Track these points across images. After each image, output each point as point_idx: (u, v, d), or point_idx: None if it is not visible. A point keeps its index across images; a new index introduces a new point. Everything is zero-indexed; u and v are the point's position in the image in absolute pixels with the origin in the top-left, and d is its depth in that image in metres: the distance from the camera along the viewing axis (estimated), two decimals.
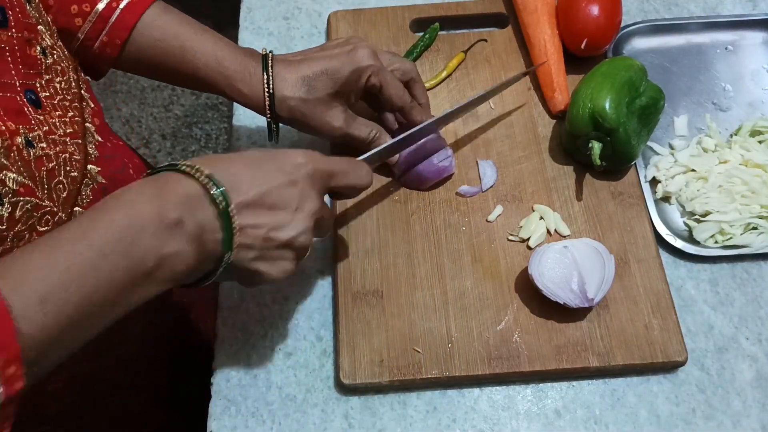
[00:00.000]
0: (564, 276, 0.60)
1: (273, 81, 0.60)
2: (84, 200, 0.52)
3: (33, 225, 0.46)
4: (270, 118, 0.61)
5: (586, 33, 0.72)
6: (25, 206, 0.45)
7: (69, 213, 0.50)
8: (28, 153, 0.45)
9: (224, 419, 0.60)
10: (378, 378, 0.59)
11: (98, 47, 0.59)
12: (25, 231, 0.45)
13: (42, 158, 0.46)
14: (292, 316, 0.65)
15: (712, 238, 0.66)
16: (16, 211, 0.44)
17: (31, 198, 0.45)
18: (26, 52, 0.47)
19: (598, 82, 0.66)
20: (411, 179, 0.68)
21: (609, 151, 0.65)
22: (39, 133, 0.46)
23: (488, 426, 0.59)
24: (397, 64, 0.65)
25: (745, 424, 0.59)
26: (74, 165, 0.50)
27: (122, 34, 0.59)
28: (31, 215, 0.46)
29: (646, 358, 0.59)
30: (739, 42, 0.80)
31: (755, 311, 0.64)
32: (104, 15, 0.58)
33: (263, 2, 0.85)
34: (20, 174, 0.44)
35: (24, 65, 0.47)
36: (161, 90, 1.98)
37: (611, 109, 0.63)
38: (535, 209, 0.67)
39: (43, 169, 0.46)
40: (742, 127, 0.73)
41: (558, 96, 0.72)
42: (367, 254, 0.65)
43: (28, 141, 0.45)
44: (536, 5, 0.75)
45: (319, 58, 0.61)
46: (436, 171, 0.67)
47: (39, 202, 0.46)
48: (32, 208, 0.45)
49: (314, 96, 0.60)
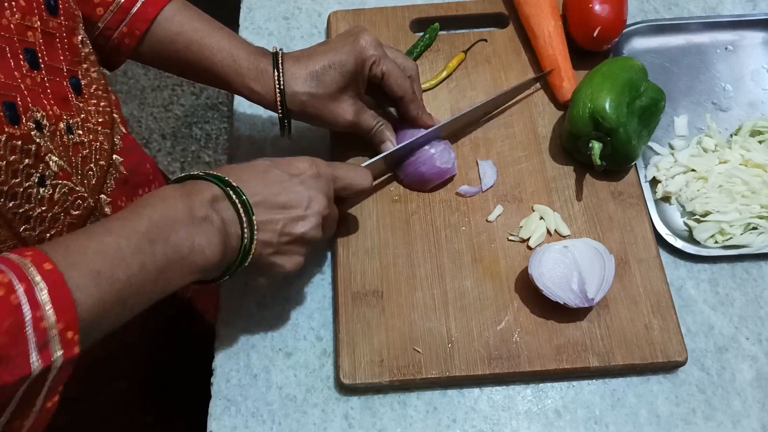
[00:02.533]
0: (564, 276, 0.60)
1: (283, 77, 0.61)
2: (108, 189, 0.55)
3: (68, 208, 0.50)
4: (282, 114, 0.63)
5: (600, 22, 0.71)
6: (63, 189, 0.49)
7: (96, 200, 0.54)
8: (68, 139, 0.49)
9: (224, 419, 0.60)
10: (378, 378, 0.59)
11: (117, 37, 0.60)
12: (61, 213, 0.49)
13: (78, 145, 0.50)
14: (292, 316, 0.65)
15: (712, 238, 0.66)
16: (56, 194, 0.48)
17: (68, 182, 0.49)
18: (71, 40, 0.50)
19: (599, 82, 0.66)
20: (413, 180, 0.68)
21: (609, 151, 0.65)
22: (78, 120, 0.50)
23: (488, 426, 0.59)
24: (400, 59, 0.66)
25: (745, 424, 0.59)
26: (103, 154, 0.54)
27: (142, 26, 0.60)
28: (67, 198, 0.50)
29: (646, 358, 0.59)
30: (739, 42, 0.80)
31: (755, 311, 0.64)
32: (126, 6, 0.59)
33: (263, 2, 0.85)
34: (61, 158, 0.48)
35: (70, 52, 0.50)
36: (161, 90, 1.98)
37: (611, 109, 0.63)
38: (535, 209, 0.67)
39: (78, 156, 0.50)
40: (742, 127, 0.73)
41: (566, 85, 0.72)
42: (367, 254, 0.65)
43: (68, 127, 0.49)
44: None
45: (325, 52, 0.63)
46: (439, 172, 0.67)
47: (74, 187, 0.50)
48: (68, 192, 0.49)
49: (324, 90, 0.62)
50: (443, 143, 0.68)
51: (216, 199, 0.49)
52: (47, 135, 0.46)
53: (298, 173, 0.54)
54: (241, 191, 0.50)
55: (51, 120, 0.46)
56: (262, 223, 0.51)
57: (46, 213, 0.48)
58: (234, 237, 0.50)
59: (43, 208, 0.47)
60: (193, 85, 1.98)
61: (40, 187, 0.46)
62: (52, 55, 0.48)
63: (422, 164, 0.66)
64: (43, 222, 0.48)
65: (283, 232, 0.52)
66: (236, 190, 0.50)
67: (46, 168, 0.46)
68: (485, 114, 0.73)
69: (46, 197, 0.47)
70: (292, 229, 0.52)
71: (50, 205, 0.48)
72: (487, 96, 0.74)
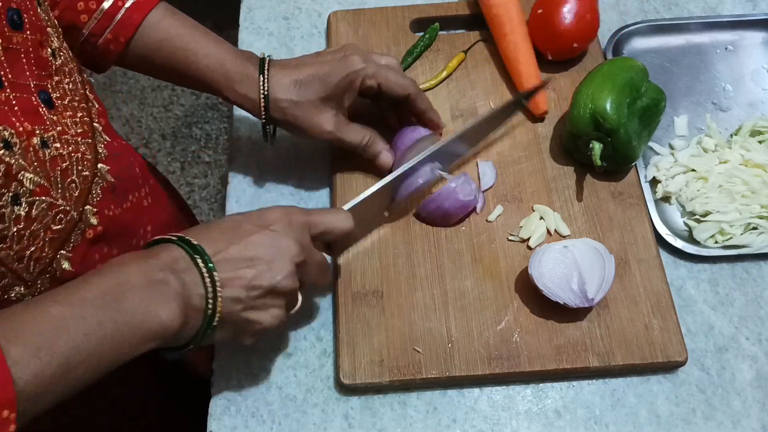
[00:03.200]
0: (564, 276, 0.60)
1: (268, 83, 0.62)
2: (94, 198, 0.54)
3: (47, 224, 0.48)
4: (264, 119, 0.63)
5: (557, 42, 0.73)
6: (41, 205, 0.47)
7: (80, 211, 0.52)
8: (44, 153, 0.47)
9: (224, 419, 0.60)
10: (378, 378, 0.59)
11: (102, 43, 0.60)
12: (41, 229, 0.48)
13: (56, 158, 0.48)
14: (292, 316, 0.65)
15: (712, 238, 0.66)
16: (33, 210, 0.46)
17: (46, 197, 0.47)
18: (39, 53, 0.48)
19: (599, 82, 0.65)
20: (436, 217, 0.66)
21: (610, 151, 0.65)
22: (53, 133, 0.48)
23: (488, 426, 0.59)
24: (392, 77, 0.64)
25: (745, 424, 0.59)
26: (85, 164, 0.52)
27: (127, 32, 0.60)
28: (46, 214, 0.48)
29: (646, 358, 0.59)
30: (739, 42, 0.80)
31: (755, 311, 0.64)
32: (109, 12, 0.59)
33: (263, 2, 0.85)
34: (37, 174, 0.46)
35: (37, 67, 0.48)
36: (161, 90, 1.98)
37: (612, 109, 0.63)
38: (535, 209, 0.67)
39: (57, 169, 0.48)
40: (742, 127, 0.73)
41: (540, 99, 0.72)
42: (367, 254, 0.65)
43: (43, 141, 0.47)
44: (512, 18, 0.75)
45: (312, 63, 0.63)
46: (463, 206, 0.65)
47: (53, 201, 0.48)
48: (47, 207, 0.48)
49: (305, 98, 0.62)
50: (463, 176, 0.65)
51: (176, 261, 0.48)
52: (18, 153, 0.44)
53: (268, 224, 0.52)
54: (202, 249, 0.48)
55: (21, 137, 0.44)
56: (228, 279, 0.49)
57: (24, 230, 0.46)
58: (197, 298, 0.48)
59: (20, 226, 0.46)
60: None
61: (14, 205, 0.44)
62: (17, 71, 0.46)
63: (445, 200, 0.64)
64: (21, 240, 0.46)
65: (251, 285, 0.49)
66: (196, 249, 0.48)
67: (19, 186, 0.44)
68: (475, 140, 0.70)
69: (23, 215, 0.45)
70: (262, 282, 0.50)
71: (28, 223, 0.46)
72: (487, 99, 0.74)
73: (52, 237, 0.49)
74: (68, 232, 0.51)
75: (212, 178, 1.85)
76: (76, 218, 0.51)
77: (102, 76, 2.00)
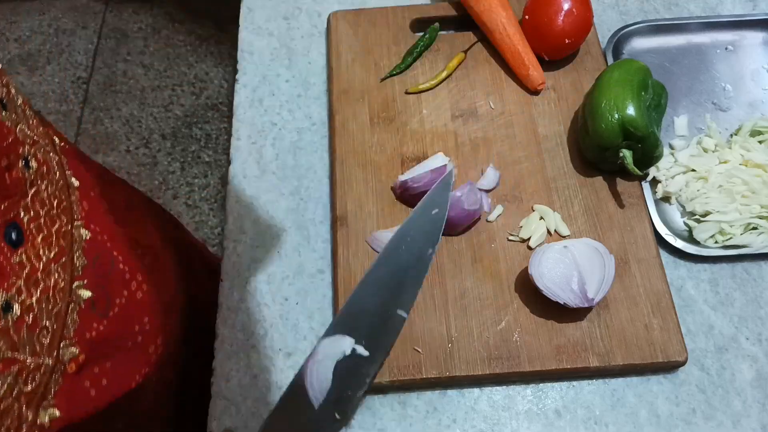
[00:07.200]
0: (564, 276, 0.60)
1: None
2: (71, 329, 0.47)
3: (20, 391, 0.41)
4: None
5: (549, 41, 0.73)
6: (7, 379, 0.40)
7: (55, 356, 0.45)
8: (7, 320, 0.40)
9: (224, 419, 0.60)
10: (378, 378, 0.59)
11: None
12: (13, 402, 0.41)
13: (23, 316, 0.41)
14: (292, 316, 0.65)
15: (712, 238, 0.66)
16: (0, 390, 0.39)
17: (12, 367, 0.40)
18: (4, 181, 0.41)
19: (618, 91, 0.65)
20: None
21: (639, 155, 0.65)
22: (19, 283, 0.41)
23: (488, 426, 0.59)
24: None
25: (745, 424, 0.59)
26: (57, 298, 0.45)
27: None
28: (15, 382, 0.41)
29: (646, 358, 0.60)
30: (739, 42, 0.80)
31: (755, 311, 0.64)
32: None
33: (263, 2, 0.85)
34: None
35: (3, 197, 0.41)
36: (161, 90, 1.98)
37: (639, 117, 0.63)
38: (535, 209, 0.67)
39: (23, 327, 0.41)
40: (742, 127, 0.73)
41: (533, 72, 0.73)
42: (367, 254, 0.65)
43: (6, 304, 0.40)
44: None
45: None
46: (468, 215, 0.64)
47: (21, 366, 0.41)
48: (15, 374, 0.41)
49: None
50: (468, 184, 0.65)
51: None
52: None
53: None
54: None
55: None
56: None
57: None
58: None
59: None
60: (193, 85, 1.98)
61: None
62: None
63: (450, 210, 0.63)
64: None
65: None
66: None
67: None
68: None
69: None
70: None
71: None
72: (487, 99, 0.74)
73: (27, 401, 0.42)
74: (45, 384, 0.44)
75: (212, 178, 1.85)
76: (50, 366, 0.44)
77: (102, 76, 2.00)
